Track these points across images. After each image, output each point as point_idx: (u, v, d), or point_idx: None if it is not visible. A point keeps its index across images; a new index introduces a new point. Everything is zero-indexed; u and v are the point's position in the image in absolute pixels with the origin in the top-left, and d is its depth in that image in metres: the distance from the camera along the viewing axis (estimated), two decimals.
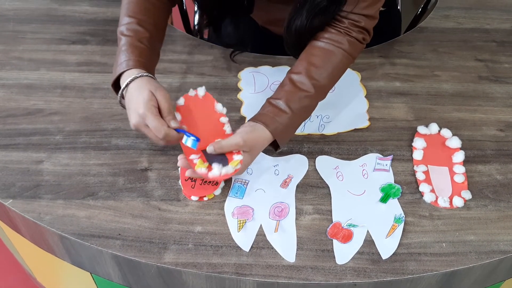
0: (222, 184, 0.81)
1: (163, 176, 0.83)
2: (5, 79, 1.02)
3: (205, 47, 1.11)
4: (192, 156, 0.75)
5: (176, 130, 0.74)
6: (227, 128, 0.80)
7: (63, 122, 0.92)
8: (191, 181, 0.81)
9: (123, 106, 0.79)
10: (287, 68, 1.06)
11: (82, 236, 0.74)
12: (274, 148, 0.82)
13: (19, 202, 0.79)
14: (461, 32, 1.19)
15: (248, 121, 0.79)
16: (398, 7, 1.31)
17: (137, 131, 0.77)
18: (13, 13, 1.21)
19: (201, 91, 0.81)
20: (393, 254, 0.73)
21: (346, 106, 0.98)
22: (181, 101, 0.80)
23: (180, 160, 0.76)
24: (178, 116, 0.78)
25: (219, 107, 0.81)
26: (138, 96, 0.73)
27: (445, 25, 1.22)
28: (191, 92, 0.81)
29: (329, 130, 0.93)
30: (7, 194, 0.80)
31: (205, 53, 1.10)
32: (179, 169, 0.83)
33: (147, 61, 0.79)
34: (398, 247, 0.74)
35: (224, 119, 0.80)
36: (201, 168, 0.73)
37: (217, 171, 0.72)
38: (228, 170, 0.72)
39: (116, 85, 0.80)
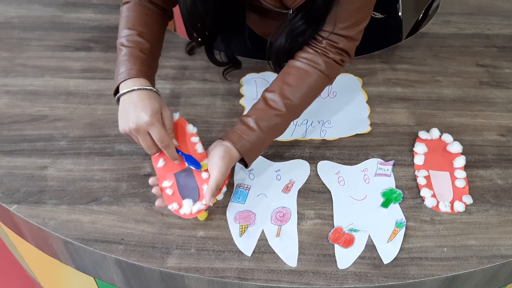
0: (224, 189, 0.82)
1: None
2: (10, 85, 1.03)
3: None
4: (165, 184, 0.76)
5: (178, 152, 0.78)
6: (199, 148, 0.79)
7: (67, 128, 0.93)
8: None
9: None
10: None
11: (85, 241, 0.75)
12: (244, 165, 0.82)
13: (23, 207, 0.80)
14: (462, 38, 1.20)
15: (219, 138, 0.80)
16: (399, 13, 1.31)
17: (125, 135, 0.76)
18: (18, 21, 1.22)
19: (175, 115, 0.80)
20: (395, 258, 0.74)
21: (347, 111, 0.98)
22: None
23: (152, 182, 0.77)
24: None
25: (190, 128, 0.80)
26: (146, 104, 0.74)
27: (446, 31, 1.22)
28: None
29: (331, 135, 0.93)
30: (11, 199, 0.81)
31: (207, 59, 1.10)
32: None
33: (149, 70, 0.80)
34: (399, 251, 0.75)
35: (195, 139, 0.80)
36: (172, 205, 0.75)
37: (188, 208, 0.74)
38: (200, 207, 0.74)
39: (117, 93, 0.79)
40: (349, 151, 0.90)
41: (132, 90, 0.75)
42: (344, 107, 0.99)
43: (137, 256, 0.73)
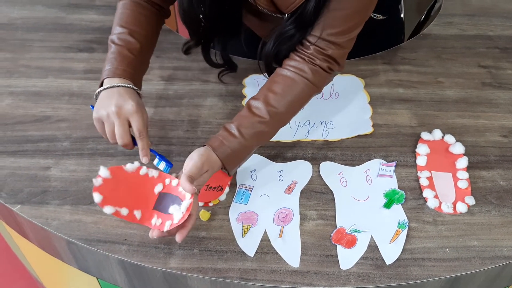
0: (227, 190, 0.82)
1: None
2: (14, 86, 1.03)
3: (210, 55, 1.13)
4: (153, 221, 0.72)
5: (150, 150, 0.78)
6: (152, 173, 0.74)
7: (70, 129, 0.94)
8: None
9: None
10: None
11: (88, 241, 0.75)
12: (227, 172, 0.79)
13: (27, 207, 0.80)
14: (464, 39, 1.20)
15: (203, 144, 0.78)
16: (401, 14, 1.32)
17: (97, 120, 0.77)
18: (21, 22, 1.23)
19: (104, 172, 0.70)
20: (397, 259, 0.74)
21: (349, 112, 0.98)
22: (97, 198, 0.69)
23: (152, 234, 0.71)
24: (98, 197, 0.68)
25: (129, 167, 0.72)
26: (129, 97, 0.76)
27: (448, 32, 1.22)
28: (96, 182, 0.69)
29: (333, 136, 0.93)
30: (15, 199, 0.81)
31: None
32: None
33: (134, 71, 0.80)
34: (401, 252, 0.75)
35: (143, 171, 0.73)
36: (165, 225, 0.71)
37: (178, 213, 0.70)
38: (186, 203, 0.70)
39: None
40: (351, 152, 0.91)
41: (113, 87, 0.77)
42: (346, 108, 0.99)
43: (140, 256, 0.74)
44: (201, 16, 0.82)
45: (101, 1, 1.31)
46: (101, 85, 0.79)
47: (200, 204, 0.80)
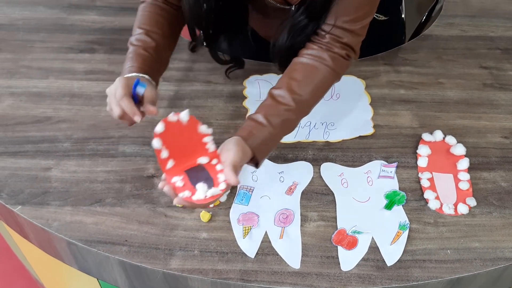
0: (227, 191, 0.82)
1: None
2: (15, 87, 1.03)
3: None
4: (175, 179, 0.71)
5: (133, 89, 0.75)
6: (211, 146, 0.74)
7: (71, 130, 0.94)
8: None
9: None
10: None
11: (89, 242, 0.75)
12: (254, 165, 0.76)
13: (27, 208, 0.80)
14: (465, 40, 1.20)
15: (228, 138, 0.75)
16: (402, 15, 1.31)
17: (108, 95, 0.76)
18: (22, 23, 1.23)
19: (185, 116, 0.71)
20: (398, 261, 0.74)
21: (350, 113, 0.98)
22: (159, 127, 0.70)
23: (162, 185, 0.70)
24: (157, 143, 0.70)
25: (203, 128, 0.73)
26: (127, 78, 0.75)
27: (449, 33, 1.22)
28: (172, 117, 0.71)
29: (334, 137, 0.93)
30: (15, 200, 0.81)
31: (211, 61, 1.11)
32: None
33: (149, 68, 0.80)
34: (402, 254, 0.75)
35: (207, 139, 0.74)
36: (184, 193, 0.68)
37: (202, 193, 0.68)
38: (215, 191, 0.68)
39: None
40: (352, 153, 0.90)
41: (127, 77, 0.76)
42: (347, 109, 0.99)
43: (140, 257, 0.74)
44: (206, 11, 0.82)
45: (102, 2, 1.31)
46: None
47: None
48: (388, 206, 0.81)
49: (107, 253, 0.74)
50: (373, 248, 0.75)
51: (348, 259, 0.74)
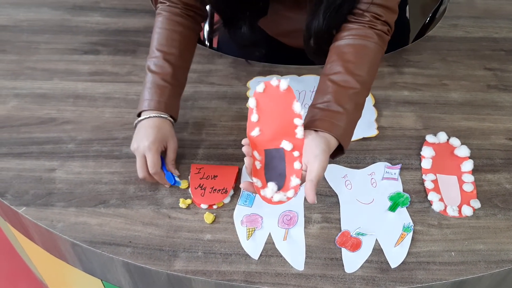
0: (231, 192, 0.82)
1: None
2: (19, 88, 1.04)
3: (215, 57, 1.13)
4: (255, 155, 0.71)
5: (163, 170, 0.82)
6: (299, 132, 0.72)
7: (75, 131, 0.94)
8: (201, 189, 0.82)
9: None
10: (296, 77, 1.07)
11: (93, 243, 0.75)
12: (331, 157, 0.74)
13: (32, 209, 0.80)
14: (469, 41, 1.20)
15: (312, 133, 0.73)
16: (406, 16, 1.31)
17: (133, 152, 0.82)
18: (27, 24, 1.23)
19: (284, 84, 0.72)
20: (402, 263, 0.74)
21: None
22: (260, 87, 0.73)
23: (246, 151, 0.71)
24: (253, 102, 0.73)
25: (297, 107, 0.72)
26: (152, 132, 0.80)
27: (453, 34, 1.22)
28: (274, 81, 0.72)
29: None
30: (20, 201, 0.81)
31: (214, 62, 1.11)
32: (189, 177, 0.84)
33: (169, 99, 0.84)
34: (406, 255, 0.74)
35: (298, 121, 0.72)
36: (257, 182, 0.69)
37: (270, 193, 0.68)
38: (281, 198, 0.68)
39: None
40: (356, 154, 0.90)
41: (146, 118, 0.82)
42: None
43: (144, 258, 0.74)
44: None
45: (106, 3, 1.31)
46: (139, 115, 0.84)
47: (204, 206, 0.81)
48: (392, 208, 0.81)
49: (111, 254, 0.74)
50: (377, 250, 0.75)
51: (352, 261, 0.74)
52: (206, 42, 1.19)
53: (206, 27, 1.26)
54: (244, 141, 0.72)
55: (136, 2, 1.32)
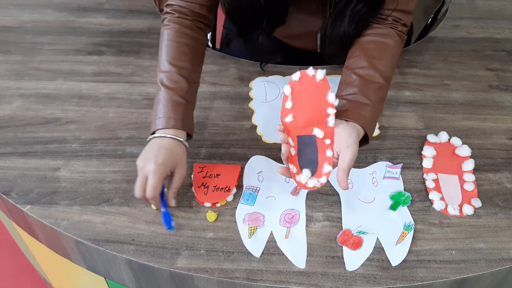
0: (234, 191, 0.83)
1: None
2: (24, 89, 1.05)
3: (217, 58, 1.14)
4: (290, 141, 0.76)
5: (162, 204, 0.77)
6: (331, 121, 0.75)
7: (79, 131, 0.95)
8: (204, 187, 0.82)
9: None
10: None
11: (97, 241, 0.76)
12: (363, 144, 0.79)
13: (36, 208, 0.81)
14: (471, 42, 1.20)
15: (343, 122, 0.76)
16: None
17: (138, 170, 0.77)
18: (31, 25, 1.24)
19: (320, 74, 0.75)
20: (403, 261, 0.74)
21: None
22: (296, 75, 0.76)
23: (283, 138, 0.75)
24: (288, 89, 0.76)
25: (331, 97, 0.75)
26: (161, 153, 0.76)
27: (455, 35, 1.23)
28: (310, 71, 0.75)
29: None
30: (25, 200, 0.82)
31: (217, 63, 1.12)
32: (192, 176, 0.85)
33: (185, 116, 0.80)
34: (407, 254, 0.75)
35: (331, 111, 0.75)
36: (292, 168, 0.74)
37: (304, 178, 0.74)
38: (315, 184, 0.73)
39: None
40: (357, 154, 0.91)
41: (160, 136, 0.78)
42: None
43: (147, 256, 0.74)
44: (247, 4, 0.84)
45: (110, 4, 1.33)
46: (153, 132, 0.79)
47: (207, 205, 0.81)
48: (393, 207, 0.81)
49: (115, 252, 0.75)
50: (378, 249, 0.76)
51: (353, 259, 0.74)
52: (209, 43, 1.20)
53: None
54: (278, 127, 0.77)
55: (140, 3, 1.33)
